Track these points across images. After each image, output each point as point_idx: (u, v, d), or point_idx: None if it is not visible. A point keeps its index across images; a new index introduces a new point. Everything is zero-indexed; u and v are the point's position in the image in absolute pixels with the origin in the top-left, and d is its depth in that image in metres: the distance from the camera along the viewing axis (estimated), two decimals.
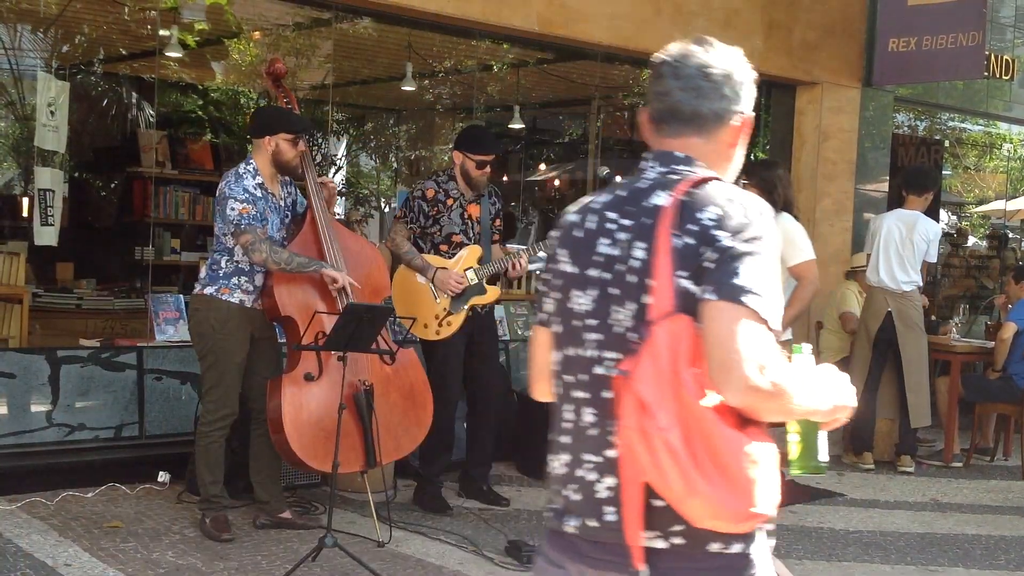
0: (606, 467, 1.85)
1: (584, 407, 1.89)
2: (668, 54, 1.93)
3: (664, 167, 1.91)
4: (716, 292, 1.74)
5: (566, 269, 1.95)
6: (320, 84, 10.27)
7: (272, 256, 4.85)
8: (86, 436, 5.92)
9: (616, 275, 1.86)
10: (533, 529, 5.42)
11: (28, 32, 9.36)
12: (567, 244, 1.96)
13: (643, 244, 1.83)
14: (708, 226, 1.79)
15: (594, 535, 1.86)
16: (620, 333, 1.84)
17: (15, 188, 10.55)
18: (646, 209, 1.86)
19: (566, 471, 1.92)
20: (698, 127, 1.92)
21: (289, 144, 4.98)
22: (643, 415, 1.71)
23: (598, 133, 11.75)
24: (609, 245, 1.88)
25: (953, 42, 7.99)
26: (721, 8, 8.13)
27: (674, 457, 1.69)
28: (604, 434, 1.85)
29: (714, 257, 1.76)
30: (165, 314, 6.33)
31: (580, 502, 1.88)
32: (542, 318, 2.02)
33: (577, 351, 1.91)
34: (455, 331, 5.56)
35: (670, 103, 1.91)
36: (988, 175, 16.71)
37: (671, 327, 1.75)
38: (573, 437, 1.91)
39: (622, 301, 1.85)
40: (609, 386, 1.82)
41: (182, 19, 8.08)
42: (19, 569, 4.42)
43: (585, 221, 1.94)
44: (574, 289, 1.92)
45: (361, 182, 14.73)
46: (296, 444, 4.80)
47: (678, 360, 1.72)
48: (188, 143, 9.85)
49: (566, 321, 1.94)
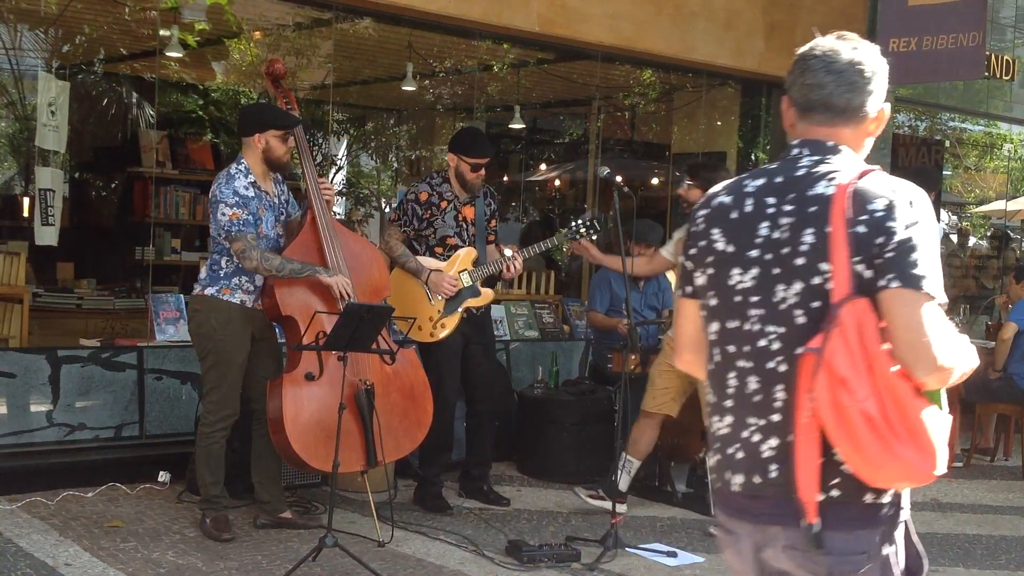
0: (770, 429, 2.04)
1: (749, 375, 2.08)
2: (819, 49, 2.14)
3: (816, 154, 2.10)
4: (900, 280, 1.93)
5: (720, 247, 2.12)
6: (321, 84, 10.26)
7: (263, 263, 4.84)
8: (86, 436, 5.92)
9: (779, 257, 2.04)
10: (533, 529, 5.43)
11: (28, 32, 9.35)
12: (720, 223, 2.13)
13: (811, 230, 2.01)
14: (880, 217, 1.96)
15: (757, 491, 2.06)
16: (784, 310, 2.03)
17: (16, 188, 10.54)
18: (810, 198, 2.04)
19: (730, 431, 2.12)
20: (848, 118, 2.12)
21: (279, 140, 4.97)
22: (840, 389, 1.89)
23: (598, 133, 11.74)
24: (770, 228, 2.06)
25: (954, 42, 7.99)
26: (722, 9, 8.13)
27: (872, 426, 1.89)
28: (768, 400, 2.04)
29: (891, 246, 1.95)
30: (165, 314, 6.33)
31: (744, 460, 2.08)
32: (690, 291, 2.20)
33: (739, 324, 2.09)
34: (449, 333, 5.56)
35: (823, 95, 2.11)
36: (988, 175, 16.70)
37: (854, 308, 1.93)
38: (736, 401, 2.10)
39: (788, 280, 2.03)
40: (773, 357, 2.03)
41: (183, 19, 8.08)
42: (19, 569, 4.42)
43: (741, 204, 2.11)
44: (734, 267, 2.09)
45: (362, 182, 14.74)
46: (297, 444, 4.80)
47: (866, 338, 1.91)
48: (188, 143, 9.84)
49: (725, 296, 2.11)
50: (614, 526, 5.03)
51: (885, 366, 1.90)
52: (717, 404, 2.15)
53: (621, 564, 4.92)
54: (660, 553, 5.07)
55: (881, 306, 1.94)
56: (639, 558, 5.02)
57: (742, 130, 10.54)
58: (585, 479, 6.15)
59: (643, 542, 5.25)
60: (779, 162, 2.16)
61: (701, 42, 8.03)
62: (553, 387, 6.88)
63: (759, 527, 2.07)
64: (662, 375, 5.50)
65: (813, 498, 1.96)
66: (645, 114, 11.87)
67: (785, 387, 2.02)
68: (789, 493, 1.99)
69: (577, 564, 4.85)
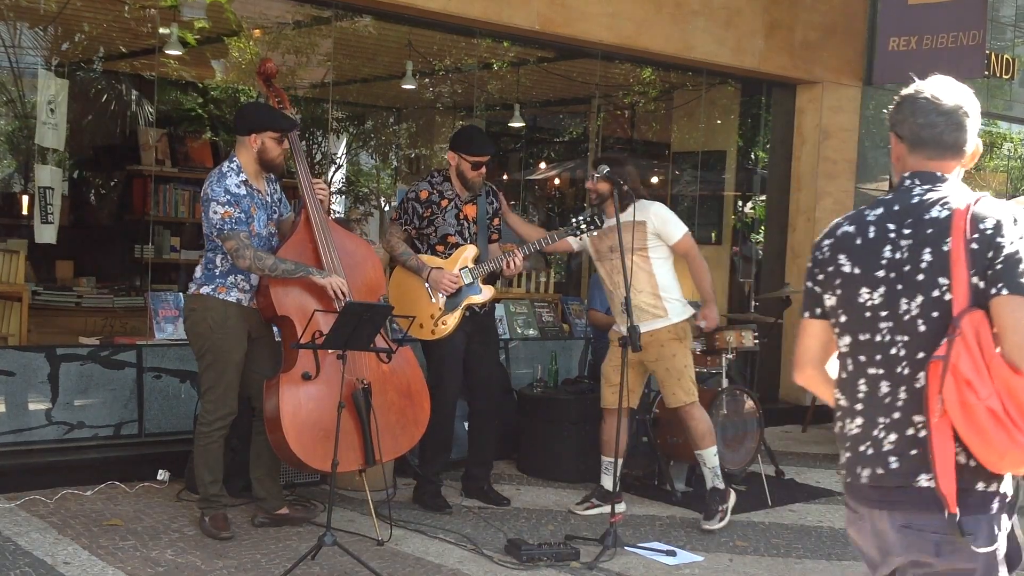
0: (891, 426, 2.36)
1: (880, 380, 2.38)
2: (928, 91, 2.45)
3: (926, 184, 2.43)
4: (1008, 288, 2.24)
5: (847, 270, 2.44)
6: (320, 82, 10.26)
7: (256, 263, 4.83)
8: (85, 434, 5.93)
9: (902, 275, 2.36)
10: (532, 528, 5.43)
11: (28, 30, 9.35)
12: (845, 250, 2.46)
13: (929, 249, 2.33)
14: (990, 234, 2.29)
15: (879, 481, 2.37)
16: (908, 320, 2.34)
17: (15, 186, 10.54)
18: (926, 221, 2.36)
19: (860, 431, 2.42)
20: (955, 153, 2.45)
21: (275, 142, 4.97)
22: (966, 390, 2.19)
23: (598, 132, 11.74)
24: (892, 250, 2.39)
25: (954, 41, 7.98)
26: (722, 7, 8.12)
27: (996, 420, 2.17)
28: (895, 401, 2.36)
29: (1000, 259, 2.26)
30: (164, 312, 6.33)
31: (872, 456, 2.39)
32: (819, 312, 2.52)
33: (868, 336, 2.40)
34: (451, 331, 5.56)
35: (935, 134, 2.43)
36: (988, 174, 16.69)
37: (973, 319, 2.23)
38: (866, 404, 2.41)
39: (911, 295, 2.34)
40: (900, 363, 2.35)
41: (182, 17, 8.07)
42: (18, 567, 4.42)
43: (864, 231, 2.44)
44: (862, 287, 2.41)
45: (361, 181, 14.72)
46: (295, 443, 4.79)
47: (983, 343, 2.21)
48: (188, 141, 9.83)
49: (855, 313, 2.43)
50: (613, 525, 5.03)
51: (1001, 367, 2.20)
52: (848, 408, 2.46)
53: (620, 563, 4.92)
54: (659, 552, 5.07)
55: (992, 312, 2.24)
56: (638, 557, 5.02)
57: (742, 129, 10.54)
58: (584, 479, 6.16)
59: (642, 541, 5.25)
60: (893, 193, 2.48)
61: (701, 41, 8.02)
62: (552, 386, 6.87)
63: (882, 511, 2.37)
64: (616, 371, 5.51)
65: (952, 489, 2.24)
66: (645, 113, 11.86)
67: (906, 388, 2.34)
68: (908, 482, 2.32)
69: (576, 563, 4.85)
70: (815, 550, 5.33)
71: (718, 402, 6.12)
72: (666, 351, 5.50)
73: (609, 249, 5.55)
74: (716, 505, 5.54)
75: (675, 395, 5.55)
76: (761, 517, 5.88)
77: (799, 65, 8.67)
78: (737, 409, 6.28)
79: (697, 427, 5.58)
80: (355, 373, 4.93)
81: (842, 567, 5.06)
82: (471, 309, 5.62)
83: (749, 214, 11.02)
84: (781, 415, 8.58)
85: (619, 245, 5.20)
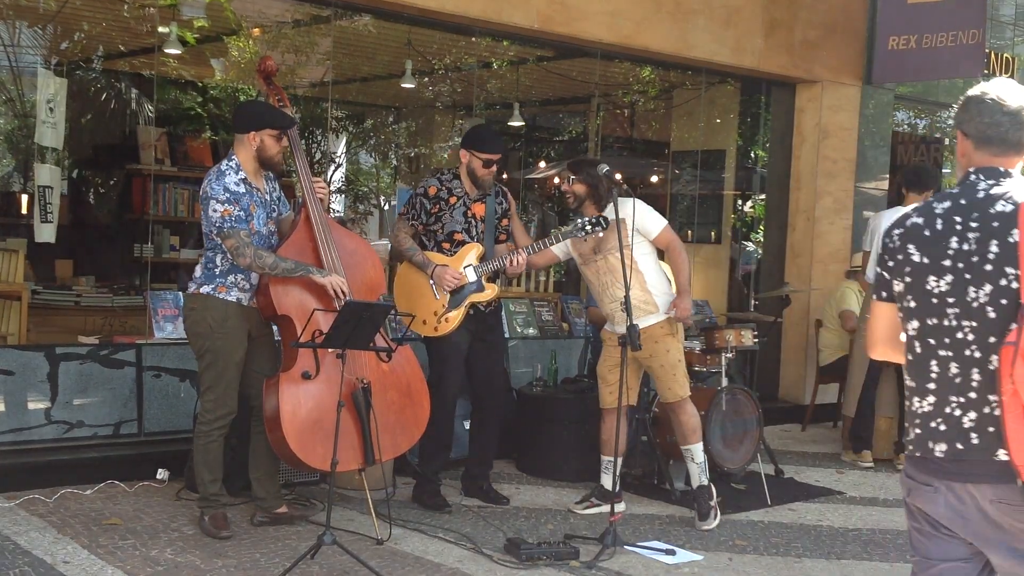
0: (968, 405, 2.52)
1: (950, 362, 2.54)
2: (993, 92, 2.61)
3: (990, 179, 2.58)
4: None
5: (916, 260, 2.60)
6: (320, 81, 10.27)
7: (256, 261, 4.83)
8: (85, 433, 5.92)
9: (969, 265, 2.51)
10: (532, 527, 5.43)
11: (27, 28, 9.35)
12: (914, 240, 2.61)
13: (996, 241, 2.48)
14: None
15: (959, 455, 2.52)
16: (976, 307, 2.49)
17: (14, 185, 10.54)
18: (992, 215, 2.51)
19: (932, 409, 2.58)
20: (1018, 150, 2.62)
21: (274, 140, 4.97)
22: None
23: (598, 131, 11.75)
24: (959, 242, 2.53)
25: (953, 40, 7.98)
26: (722, 6, 8.12)
27: None
28: (967, 381, 2.52)
29: None
30: (164, 311, 6.33)
31: (947, 431, 2.54)
32: (886, 296, 2.70)
33: (937, 321, 2.56)
34: (453, 328, 5.56)
35: (1000, 132, 2.60)
36: None
37: None
38: (938, 384, 2.57)
39: (979, 284, 2.49)
40: (969, 346, 2.50)
41: (181, 16, 8.08)
42: (17, 566, 4.42)
43: (933, 223, 2.59)
44: (930, 275, 2.57)
45: (360, 179, 14.73)
46: (294, 443, 4.79)
47: None
48: (187, 140, 9.84)
49: (923, 299, 2.59)
50: (612, 524, 5.03)
51: None
52: (918, 387, 2.61)
53: (619, 562, 4.92)
54: (658, 551, 5.07)
55: None
56: (637, 556, 5.02)
57: (741, 127, 10.55)
58: (584, 478, 6.16)
59: (641, 540, 5.25)
60: (959, 187, 2.63)
61: (700, 39, 8.02)
62: (552, 385, 6.87)
63: (962, 484, 2.52)
64: (612, 370, 5.51)
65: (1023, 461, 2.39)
66: (644, 112, 11.88)
67: (979, 370, 2.49)
68: (988, 456, 2.47)
69: (576, 562, 4.85)
70: (814, 549, 5.33)
71: (717, 401, 6.12)
72: (660, 347, 5.50)
73: (592, 251, 5.55)
74: (707, 502, 5.55)
75: (671, 390, 5.56)
76: (760, 516, 5.88)
77: (799, 64, 8.67)
78: (736, 408, 6.28)
79: (688, 422, 5.59)
80: (355, 372, 4.93)
81: (841, 565, 5.07)
82: (475, 308, 5.62)
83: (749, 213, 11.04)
84: (780, 414, 8.58)
85: (619, 244, 5.20)
